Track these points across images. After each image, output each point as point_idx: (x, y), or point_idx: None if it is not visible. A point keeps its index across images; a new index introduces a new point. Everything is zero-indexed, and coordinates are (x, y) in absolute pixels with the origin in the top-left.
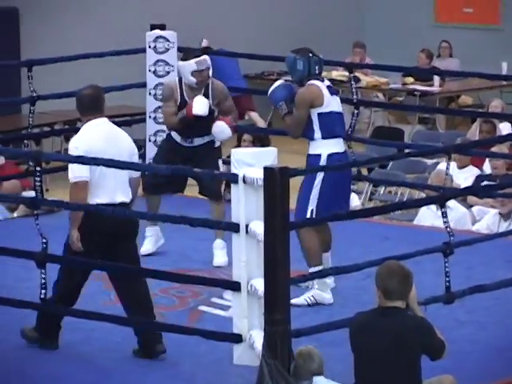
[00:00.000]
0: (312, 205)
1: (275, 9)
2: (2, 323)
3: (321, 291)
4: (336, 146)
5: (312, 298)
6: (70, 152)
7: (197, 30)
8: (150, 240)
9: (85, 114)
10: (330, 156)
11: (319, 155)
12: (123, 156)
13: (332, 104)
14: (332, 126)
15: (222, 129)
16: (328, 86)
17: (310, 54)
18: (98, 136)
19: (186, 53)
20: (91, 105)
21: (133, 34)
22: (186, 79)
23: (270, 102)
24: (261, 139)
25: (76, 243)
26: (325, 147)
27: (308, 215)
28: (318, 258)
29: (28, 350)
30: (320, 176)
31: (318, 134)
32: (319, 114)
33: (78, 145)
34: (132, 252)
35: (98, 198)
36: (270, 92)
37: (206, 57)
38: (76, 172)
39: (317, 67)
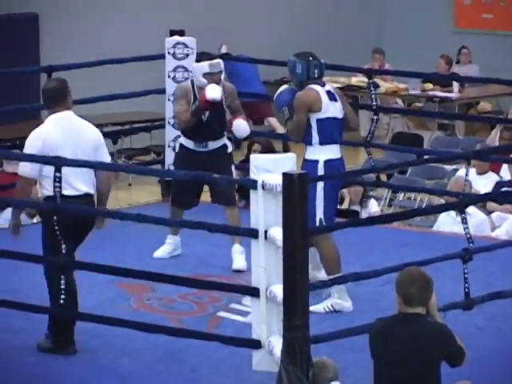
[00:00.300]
0: (320, 214)
1: (295, 14)
2: (20, 328)
3: (340, 299)
4: (333, 151)
5: (331, 307)
6: (26, 141)
7: (216, 35)
8: (167, 247)
9: (50, 106)
10: (326, 162)
11: (316, 161)
12: (86, 149)
13: (330, 110)
14: (330, 131)
15: (243, 126)
16: (328, 92)
17: (311, 58)
18: (59, 128)
19: (200, 54)
20: (55, 98)
21: (152, 40)
22: (197, 81)
23: (275, 106)
24: (270, 148)
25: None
26: (322, 153)
27: (317, 224)
28: (337, 266)
29: (47, 356)
30: (321, 184)
31: (315, 139)
32: (318, 120)
33: (35, 136)
34: None
35: (62, 188)
36: (275, 97)
37: (219, 60)
38: (25, 168)
39: (316, 71)
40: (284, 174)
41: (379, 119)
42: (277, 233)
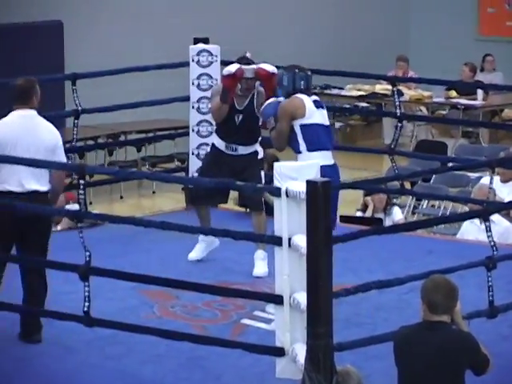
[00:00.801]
0: None
1: (318, 22)
2: (44, 335)
3: None
4: (324, 158)
5: None
6: None
7: (239, 43)
8: (199, 247)
9: (14, 103)
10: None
11: None
12: (40, 149)
13: (316, 116)
14: (316, 138)
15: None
16: (315, 101)
17: (297, 70)
18: (17, 125)
19: (239, 58)
20: (20, 96)
21: (176, 48)
22: None
23: (261, 117)
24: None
25: None
26: (312, 160)
27: None
28: None
29: (71, 363)
30: None
31: (303, 146)
32: (302, 126)
33: None
34: (41, 242)
35: (8, 184)
36: (261, 109)
37: (254, 66)
38: None
39: (302, 82)
40: (308, 182)
41: (403, 127)
42: (300, 240)
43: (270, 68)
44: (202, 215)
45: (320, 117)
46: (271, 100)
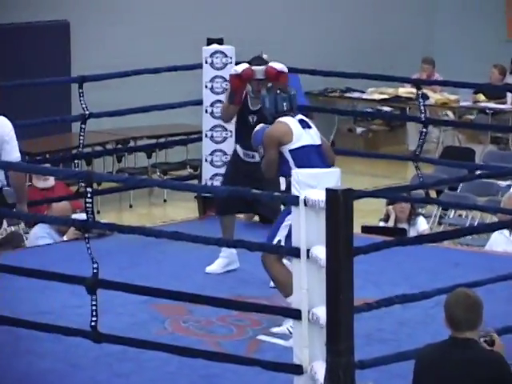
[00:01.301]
0: (280, 235)
1: (338, 22)
2: (50, 351)
3: None
4: None
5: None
6: None
7: (255, 43)
8: (220, 261)
9: None
10: None
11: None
12: None
13: (304, 138)
14: (307, 159)
15: None
16: (300, 120)
17: (278, 91)
18: None
19: (252, 58)
20: None
21: (189, 49)
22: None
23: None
24: None
25: None
26: None
27: (275, 242)
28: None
29: (78, 380)
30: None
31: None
32: (291, 151)
33: None
34: None
35: None
36: (252, 135)
37: (263, 67)
38: None
39: (285, 104)
40: (327, 190)
41: (428, 132)
42: (320, 252)
43: (278, 66)
44: (226, 225)
45: (308, 137)
46: (259, 127)
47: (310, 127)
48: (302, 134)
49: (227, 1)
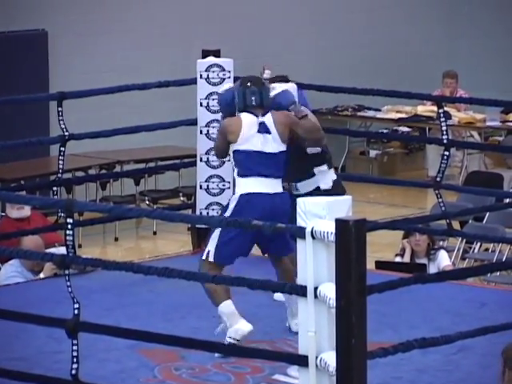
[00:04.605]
0: (211, 246)
1: (350, 33)
2: None
3: (234, 325)
4: (255, 185)
5: (231, 339)
6: None
7: (256, 56)
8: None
9: None
10: (243, 196)
11: (236, 193)
12: None
13: (253, 142)
14: (249, 164)
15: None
16: (261, 123)
17: (249, 83)
18: None
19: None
20: None
21: (182, 62)
22: None
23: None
24: None
25: None
26: (241, 185)
27: (204, 257)
28: (222, 295)
29: None
30: (227, 214)
31: (236, 170)
32: (234, 152)
33: None
34: None
35: None
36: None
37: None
38: None
39: (253, 98)
40: (337, 221)
41: (451, 156)
42: (329, 290)
43: (287, 86)
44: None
45: (258, 143)
46: (285, 86)
47: (269, 133)
48: (253, 138)
49: (225, 9)
